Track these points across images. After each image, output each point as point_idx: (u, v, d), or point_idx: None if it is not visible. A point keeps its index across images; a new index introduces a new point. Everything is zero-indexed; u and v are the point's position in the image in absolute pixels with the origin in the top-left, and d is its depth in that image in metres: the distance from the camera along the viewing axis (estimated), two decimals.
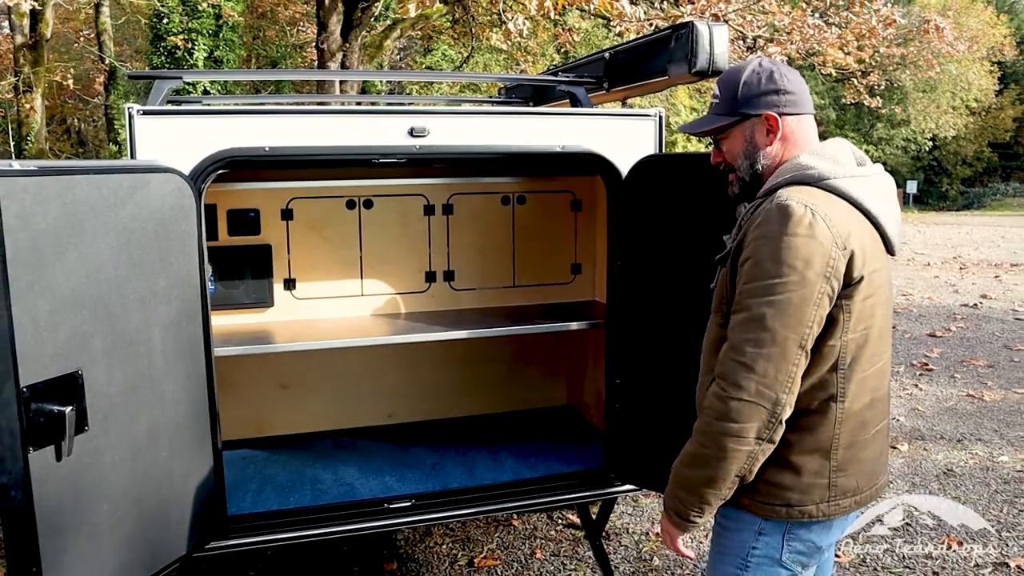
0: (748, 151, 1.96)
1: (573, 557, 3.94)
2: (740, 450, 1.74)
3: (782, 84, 1.91)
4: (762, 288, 1.73)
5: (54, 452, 2.07)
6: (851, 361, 1.81)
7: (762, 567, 1.90)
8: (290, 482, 3.29)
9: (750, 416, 1.72)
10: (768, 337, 1.71)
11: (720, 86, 1.99)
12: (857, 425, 1.86)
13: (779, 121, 1.90)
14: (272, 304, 3.75)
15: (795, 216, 1.72)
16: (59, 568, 2.10)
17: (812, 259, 1.70)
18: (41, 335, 2.01)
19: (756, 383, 1.71)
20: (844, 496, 1.87)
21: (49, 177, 2.03)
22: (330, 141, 2.72)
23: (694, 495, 1.82)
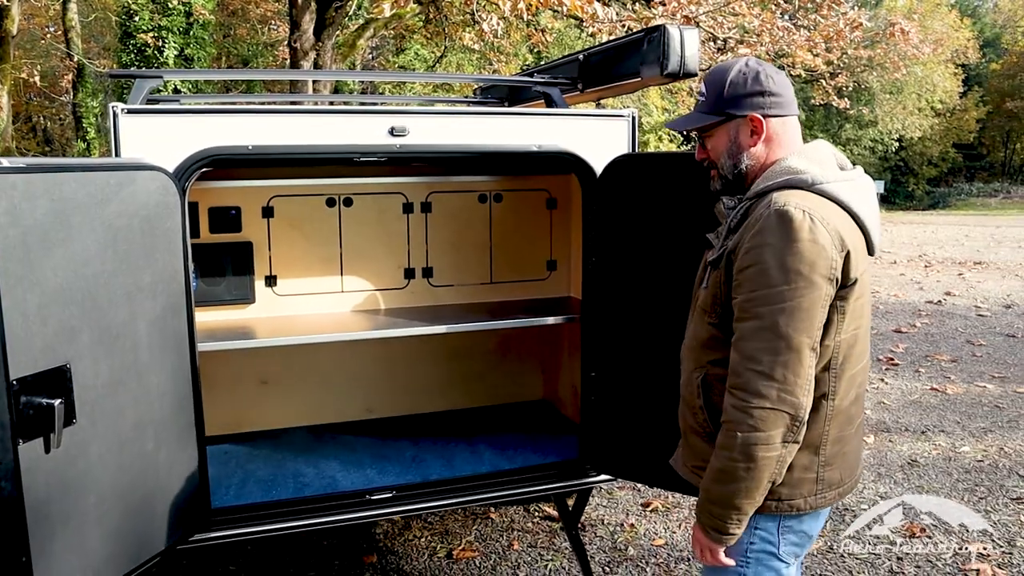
0: (732, 150, 1.98)
1: (550, 548, 4.02)
2: (770, 456, 1.78)
3: (768, 85, 1.92)
4: (772, 296, 1.76)
5: (43, 444, 2.10)
6: (843, 360, 1.87)
7: (761, 562, 1.95)
8: (272, 476, 3.34)
9: (775, 423, 1.76)
10: (783, 344, 1.74)
11: (706, 84, 2.00)
12: (844, 420, 1.92)
13: (763, 123, 1.92)
14: (253, 301, 3.79)
15: (796, 222, 1.75)
16: (47, 558, 2.14)
17: (816, 263, 1.75)
18: (30, 329, 2.05)
19: (777, 390, 1.75)
20: (830, 489, 1.94)
21: (37, 174, 2.07)
22: (312, 140, 2.78)
23: (730, 508, 1.85)
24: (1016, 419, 5.98)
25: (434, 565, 3.87)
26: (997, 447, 5.40)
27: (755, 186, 1.93)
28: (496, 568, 3.83)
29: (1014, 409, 6.22)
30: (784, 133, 1.95)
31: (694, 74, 3.18)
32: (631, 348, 3.02)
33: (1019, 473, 4.94)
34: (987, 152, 47.08)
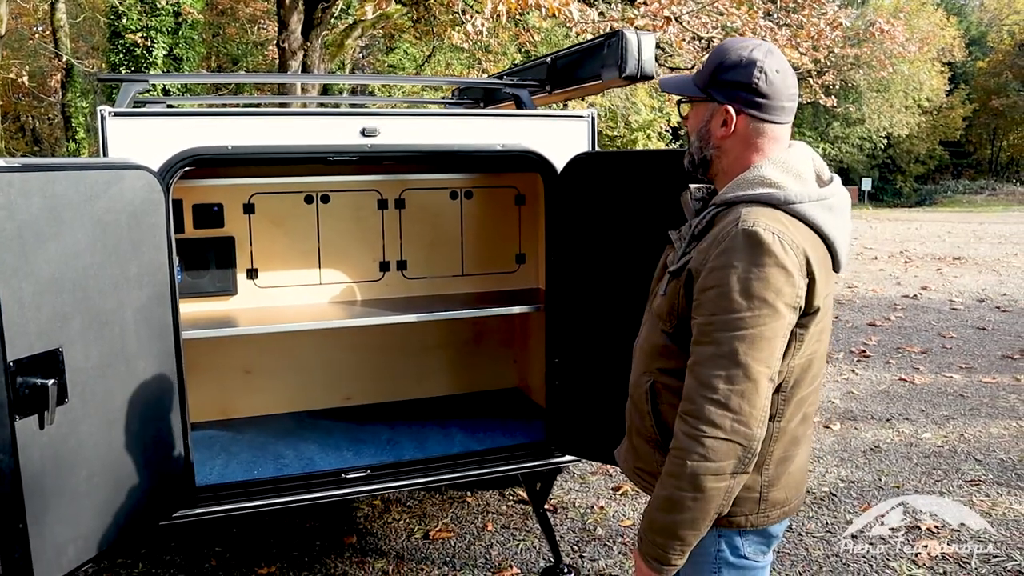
0: (701, 133, 1.86)
1: (522, 529, 4.22)
2: (719, 487, 1.70)
3: (757, 83, 1.76)
4: (733, 322, 1.65)
5: (37, 421, 2.28)
6: (793, 384, 1.78)
7: (729, 566, 1.91)
8: (254, 457, 3.52)
9: (727, 454, 1.67)
10: (741, 373, 1.65)
11: (711, 53, 1.86)
12: (789, 441, 1.86)
13: (734, 119, 1.80)
14: (236, 292, 3.97)
15: (764, 245, 1.64)
16: (42, 526, 2.32)
17: (783, 290, 1.65)
18: (25, 315, 2.23)
19: (731, 420, 1.66)
20: (774, 508, 1.88)
21: (32, 173, 2.25)
22: (288, 140, 2.96)
23: (674, 539, 1.75)
24: (978, 407, 6.21)
25: (411, 545, 4.06)
26: (957, 433, 5.62)
27: (725, 191, 1.82)
28: (470, 548, 4.02)
29: (977, 398, 6.45)
30: (760, 137, 1.80)
31: (650, 77, 3.38)
32: (591, 336, 3.21)
33: (975, 457, 5.16)
34: (974, 149, 47.50)
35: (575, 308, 3.24)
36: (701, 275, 1.73)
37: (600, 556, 3.92)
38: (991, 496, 4.54)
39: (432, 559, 3.90)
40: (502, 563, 3.85)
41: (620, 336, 3.09)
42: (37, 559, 2.29)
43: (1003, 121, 43.55)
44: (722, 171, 1.86)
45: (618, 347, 3.10)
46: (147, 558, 3.91)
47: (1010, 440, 5.46)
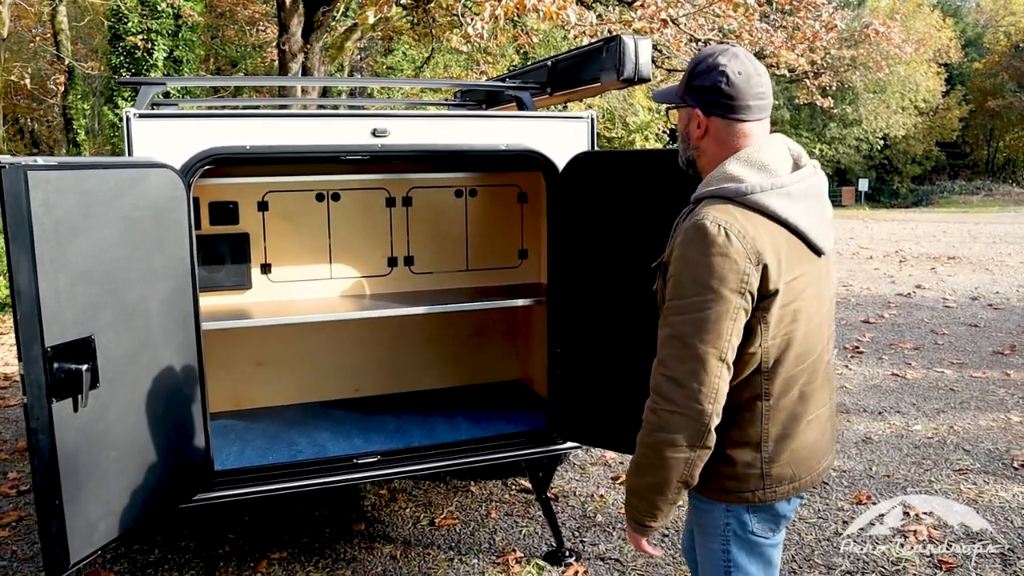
0: (683, 135, 2.02)
1: (525, 516, 4.36)
2: (676, 458, 1.82)
3: (721, 85, 1.89)
4: (682, 306, 1.81)
5: (71, 404, 2.43)
6: (774, 363, 1.88)
7: (738, 539, 2.03)
8: (268, 444, 3.67)
9: (680, 427, 1.80)
10: (689, 353, 1.79)
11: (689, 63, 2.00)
12: (787, 419, 1.94)
13: (705, 121, 1.94)
14: (250, 287, 4.12)
15: (709, 236, 1.78)
16: (76, 503, 2.47)
17: (727, 276, 1.77)
18: (61, 304, 2.38)
19: (682, 395, 1.79)
20: (780, 484, 1.97)
21: (66, 171, 2.40)
22: (302, 141, 3.11)
23: (644, 501, 1.91)
24: (968, 401, 6.36)
25: (418, 531, 4.20)
26: (947, 426, 5.77)
27: (698, 189, 1.96)
28: (475, 534, 4.16)
29: (967, 392, 6.60)
30: (731, 136, 1.92)
31: (648, 80, 3.53)
32: (591, 327, 3.36)
33: (964, 448, 5.31)
34: (970, 150, 47.71)
35: (576, 300, 3.39)
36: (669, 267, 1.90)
37: (600, 541, 4.07)
38: (978, 484, 4.69)
39: (438, 544, 4.05)
40: (505, 548, 3.99)
41: (619, 327, 3.25)
42: (72, 534, 2.44)
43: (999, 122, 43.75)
44: (703, 169, 2.00)
45: (617, 338, 3.26)
46: (162, 544, 4.05)
47: (998, 432, 5.61)
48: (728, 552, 2.05)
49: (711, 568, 2.10)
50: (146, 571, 3.81)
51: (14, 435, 5.96)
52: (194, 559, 3.91)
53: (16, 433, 6.00)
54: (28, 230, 2.26)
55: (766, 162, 1.89)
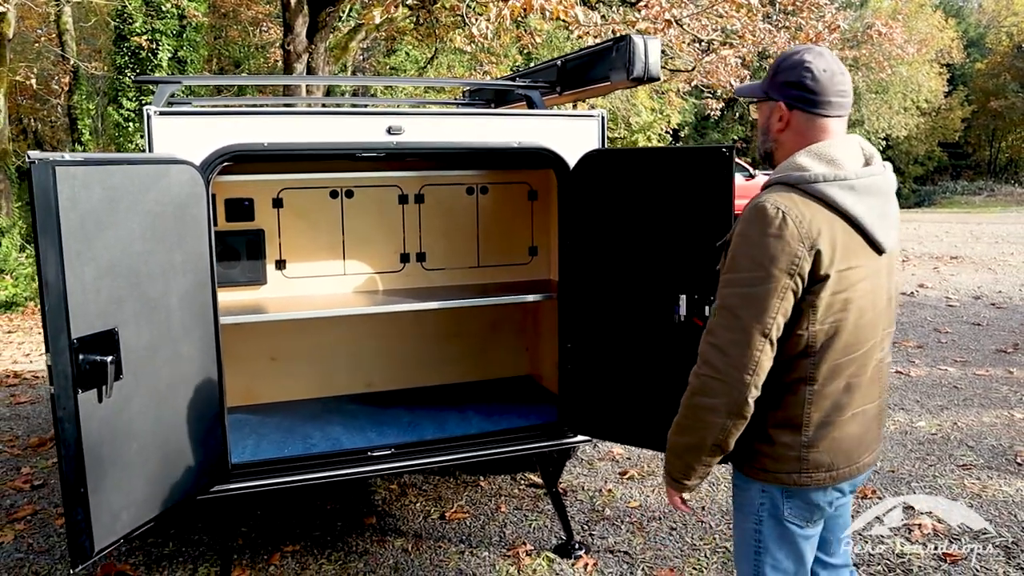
0: (764, 128, 2.11)
1: (534, 510, 4.41)
2: (713, 422, 1.93)
3: (806, 81, 1.98)
4: (735, 280, 1.92)
5: (96, 395, 2.49)
6: (820, 348, 1.95)
7: (771, 521, 2.09)
8: (283, 438, 3.72)
9: (719, 392, 1.91)
10: (737, 324, 1.90)
11: (773, 61, 2.11)
12: (830, 407, 2.00)
13: (788, 114, 2.03)
14: (265, 282, 4.18)
15: (767, 217, 1.88)
16: (99, 492, 2.52)
17: (778, 257, 1.86)
18: (87, 297, 2.44)
19: (724, 363, 1.90)
20: (817, 470, 2.02)
21: (92, 167, 2.46)
22: (319, 138, 3.17)
23: (680, 459, 2.04)
24: (971, 398, 6.40)
25: (428, 525, 4.25)
26: (951, 422, 5.81)
27: (770, 175, 2.07)
28: (485, 528, 4.21)
29: (971, 389, 6.64)
30: (809, 130, 2.01)
31: (657, 78, 3.59)
32: (601, 323, 3.41)
33: (968, 444, 5.35)
34: (972, 151, 47.66)
35: (586, 296, 3.44)
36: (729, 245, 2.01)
37: (609, 534, 4.12)
38: (982, 479, 4.74)
39: (449, 538, 4.10)
40: (515, 541, 4.04)
41: (628, 323, 3.31)
42: (96, 522, 2.49)
43: (1002, 123, 43.68)
44: (778, 162, 2.09)
45: (626, 333, 3.31)
46: (176, 537, 4.10)
47: (1001, 428, 5.66)
48: (759, 532, 2.11)
49: (742, 547, 2.17)
50: (160, 564, 3.86)
51: (26, 431, 6.01)
52: (208, 552, 3.96)
53: (28, 429, 6.06)
54: (56, 224, 2.31)
55: (835, 156, 1.97)
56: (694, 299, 3.09)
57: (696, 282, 3.06)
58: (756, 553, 2.12)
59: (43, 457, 5.40)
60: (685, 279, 3.08)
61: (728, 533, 4.10)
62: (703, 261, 3.03)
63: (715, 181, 2.98)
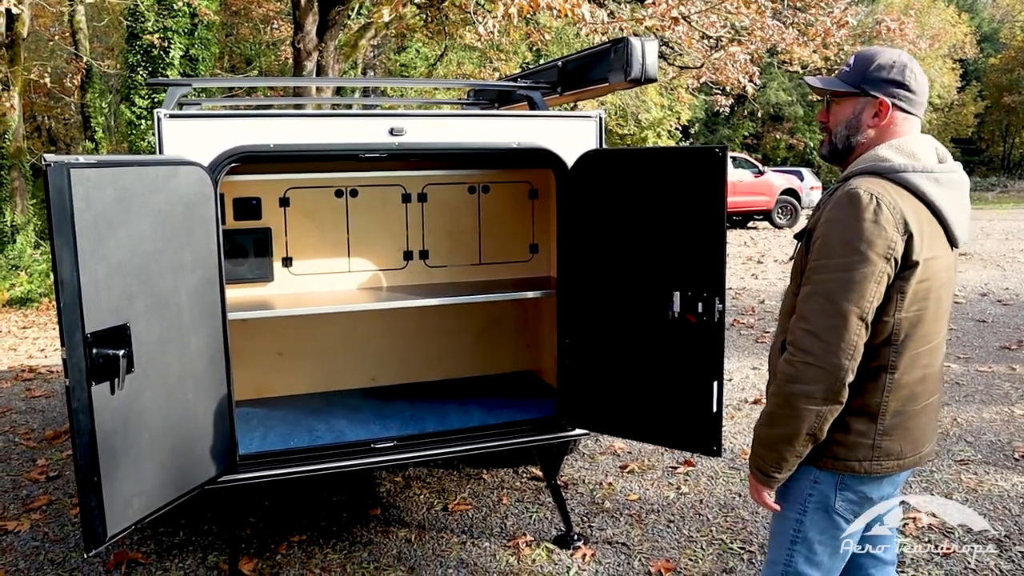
0: (851, 124, 2.11)
1: (535, 502, 4.50)
2: (810, 409, 1.95)
3: (909, 81, 2.05)
4: (830, 266, 1.94)
5: (109, 387, 2.60)
6: (904, 338, 1.99)
7: (817, 512, 2.12)
8: (289, 430, 3.83)
9: (816, 378, 1.93)
10: (832, 309, 1.92)
11: (856, 57, 2.13)
12: (907, 396, 2.05)
13: (889, 109, 2.06)
14: (272, 279, 4.29)
15: (862, 203, 1.92)
16: (112, 481, 2.63)
17: (875, 242, 1.90)
18: (100, 293, 2.54)
19: (822, 349, 1.92)
20: (887, 458, 2.07)
21: (105, 168, 2.56)
22: (324, 139, 3.26)
23: (773, 452, 2.04)
24: (972, 394, 6.44)
25: (432, 516, 4.36)
26: (951, 418, 5.86)
27: (849, 168, 2.11)
28: (487, 519, 4.31)
29: (972, 386, 6.68)
30: (900, 127, 2.08)
31: (654, 80, 3.67)
32: (598, 319, 3.49)
33: (967, 440, 5.40)
34: (986, 147, 47.36)
35: (584, 292, 3.53)
36: (815, 231, 2.03)
37: (608, 526, 4.21)
38: (979, 474, 4.80)
39: (451, 528, 4.20)
40: (516, 532, 4.13)
41: (625, 319, 3.39)
42: (108, 509, 2.60)
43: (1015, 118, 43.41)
44: (857, 153, 2.13)
45: (623, 329, 3.40)
46: (186, 527, 4.22)
47: (1001, 424, 5.70)
48: (801, 523, 2.14)
49: (779, 536, 2.20)
50: (171, 552, 3.98)
51: (42, 424, 6.16)
52: (218, 541, 4.08)
53: (43, 423, 6.20)
54: (70, 224, 2.42)
55: (915, 151, 2.04)
56: (687, 296, 3.17)
57: (689, 279, 3.14)
58: (792, 543, 2.16)
59: (58, 449, 5.54)
60: (679, 276, 3.16)
61: (725, 526, 4.18)
62: (696, 259, 3.12)
63: (708, 180, 3.05)
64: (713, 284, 3.08)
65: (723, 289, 3.12)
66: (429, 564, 3.83)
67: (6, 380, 7.60)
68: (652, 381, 3.32)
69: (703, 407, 3.18)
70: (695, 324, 3.16)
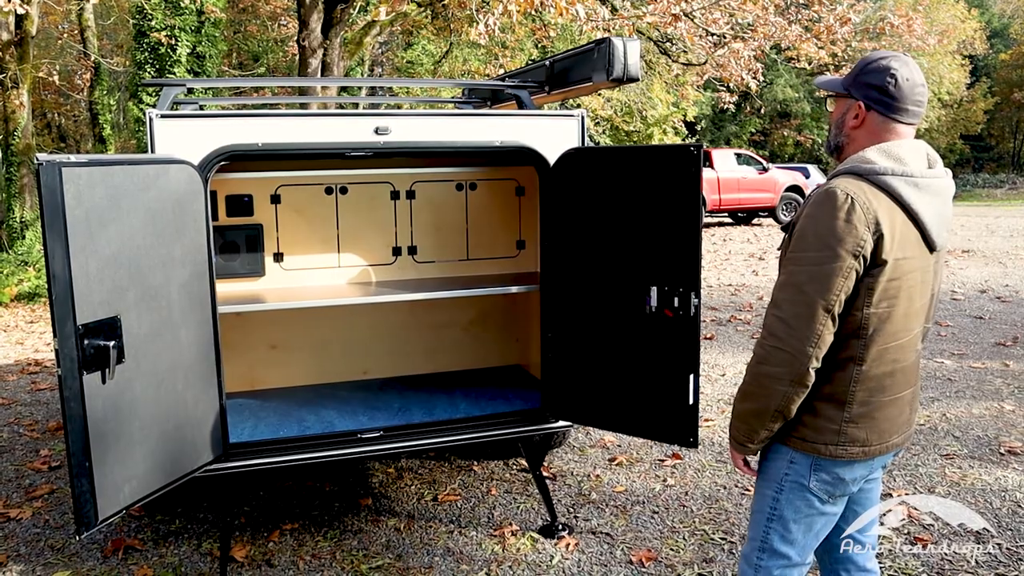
0: (838, 123, 2.22)
1: (523, 493, 4.60)
2: (776, 389, 2.08)
3: (887, 86, 2.09)
4: (803, 259, 2.05)
5: (100, 377, 2.70)
6: (872, 332, 2.08)
7: (793, 491, 2.23)
8: (280, 421, 3.94)
9: (782, 362, 2.06)
10: (802, 299, 2.04)
11: (860, 61, 2.20)
12: (874, 387, 2.14)
13: (864, 114, 2.14)
14: (264, 274, 4.40)
15: (837, 202, 2.01)
16: (103, 466, 2.74)
17: (845, 239, 1.99)
18: (91, 286, 2.65)
19: (787, 334, 2.05)
20: (853, 445, 2.15)
21: (96, 167, 2.67)
22: (311, 138, 3.36)
23: (744, 423, 2.20)
24: (963, 390, 6.50)
25: (422, 506, 4.46)
26: (940, 413, 5.92)
27: (838, 167, 2.18)
28: (475, 509, 4.40)
29: (964, 382, 6.73)
30: (882, 131, 2.13)
31: (636, 79, 3.75)
32: (580, 313, 3.58)
33: (954, 435, 5.46)
34: (995, 143, 47.07)
35: (566, 287, 3.62)
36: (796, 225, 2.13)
37: (593, 516, 4.30)
38: (963, 469, 4.86)
39: (440, 518, 4.30)
40: (503, 522, 4.23)
41: (605, 313, 3.48)
42: (100, 493, 2.71)
43: None
44: (847, 156, 2.20)
45: (603, 323, 3.49)
46: (182, 515, 4.33)
47: (989, 419, 5.76)
48: (777, 500, 2.26)
49: (757, 513, 2.33)
50: (167, 539, 4.09)
51: (45, 416, 6.29)
52: (212, 529, 4.19)
53: (47, 414, 6.34)
54: (62, 220, 2.53)
55: (901, 155, 2.09)
56: (664, 291, 3.26)
57: (666, 275, 3.22)
58: (768, 520, 2.28)
59: (60, 440, 5.67)
60: (656, 271, 3.25)
61: (708, 517, 4.27)
62: (673, 255, 3.20)
63: (683, 178, 3.14)
64: (689, 279, 3.16)
65: (698, 284, 3.20)
66: (416, 552, 3.93)
67: (12, 373, 7.75)
68: (631, 374, 3.41)
69: (680, 399, 3.26)
70: (672, 318, 3.24)
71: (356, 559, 3.86)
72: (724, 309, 10.25)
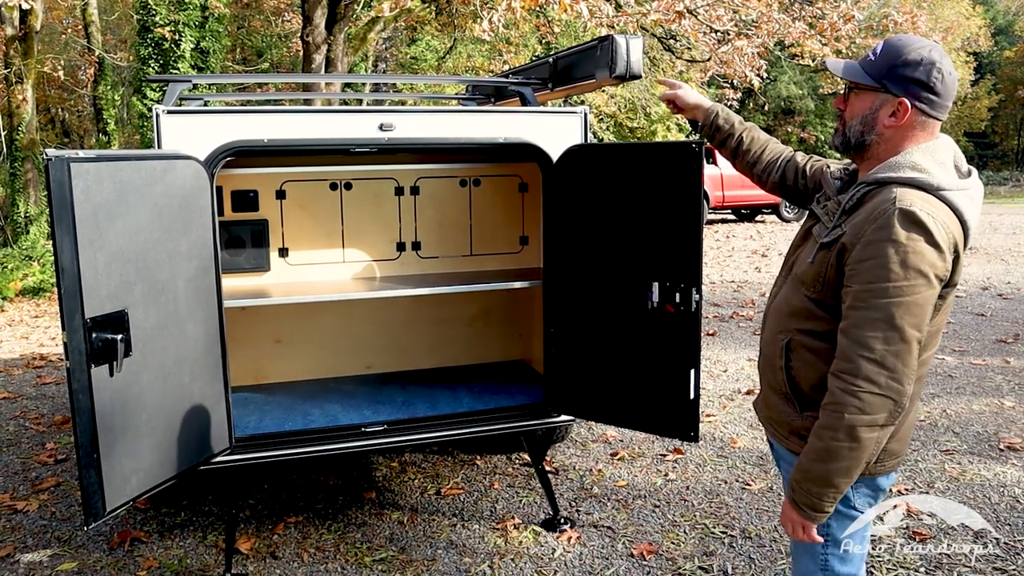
0: (866, 119, 2.02)
1: (526, 487, 4.63)
2: (871, 437, 1.90)
3: (934, 82, 1.94)
4: (890, 290, 1.85)
5: (108, 370, 2.74)
6: (923, 348, 1.97)
7: (840, 512, 2.13)
8: (284, 414, 3.98)
9: (881, 407, 1.88)
10: (897, 336, 1.85)
11: (884, 46, 2.01)
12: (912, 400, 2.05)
13: (908, 110, 1.97)
14: (269, 269, 4.44)
15: (925, 226, 1.84)
16: (111, 458, 2.78)
17: (936, 264, 1.85)
18: (99, 281, 2.69)
19: (887, 377, 1.87)
20: (890, 458, 2.09)
21: (104, 162, 2.70)
22: (316, 135, 3.39)
23: (829, 487, 1.97)
24: (964, 387, 6.52)
25: (425, 500, 4.49)
26: (941, 410, 5.94)
27: (876, 171, 2.00)
28: (478, 503, 4.44)
29: (964, 378, 6.75)
30: (921, 130, 2.00)
31: (638, 76, 3.77)
32: (582, 309, 3.61)
33: (954, 431, 5.49)
34: (999, 141, 47.00)
35: (568, 283, 3.65)
36: (856, 248, 1.93)
37: (595, 510, 4.33)
38: (962, 464, 4.89)
39: (443, 512, 4.34)
40: (505, 515, 4.27)
41: (607, 308, 3.51)
42: (108, 484, 2.75)
43: None
44: (875, 156, 2.04)
45: (605, 318, 3.52)
46: (188, 508, 4.38)
47: (989, 416, 5.78)
48: (829, 526, 2.16)
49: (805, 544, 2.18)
50: (173, 532, 4.13)
51: (51, 410, 6.34)
52: (217, 521, 4.23)
53: (53, 408, 6.39)
54: (71, 215, 2.56)
55: (944, 160, 1.99)
56: (666, 287, 3.29)
57: (668, 270, 3.25)
58: (824, 547, 2.18)
59: (66, 434, 5.71)
60: (658, 267, 3.28)
61: (709, 511, 4.30)
62: (674, 250, 3.23)
63: (686, 174, 3.16)
64: (690, 275, 3.19)
65: (700, 280, 3.23)
66: (419, 545, 3.97)
67: (18, 367, 7.80)
68: (632, 369, 3.44)
69: (681, 394, 3.29)
70: (673, 314, 3.27)
71: (360, 552, 3.90)
72: (727, 306, 10.27)
